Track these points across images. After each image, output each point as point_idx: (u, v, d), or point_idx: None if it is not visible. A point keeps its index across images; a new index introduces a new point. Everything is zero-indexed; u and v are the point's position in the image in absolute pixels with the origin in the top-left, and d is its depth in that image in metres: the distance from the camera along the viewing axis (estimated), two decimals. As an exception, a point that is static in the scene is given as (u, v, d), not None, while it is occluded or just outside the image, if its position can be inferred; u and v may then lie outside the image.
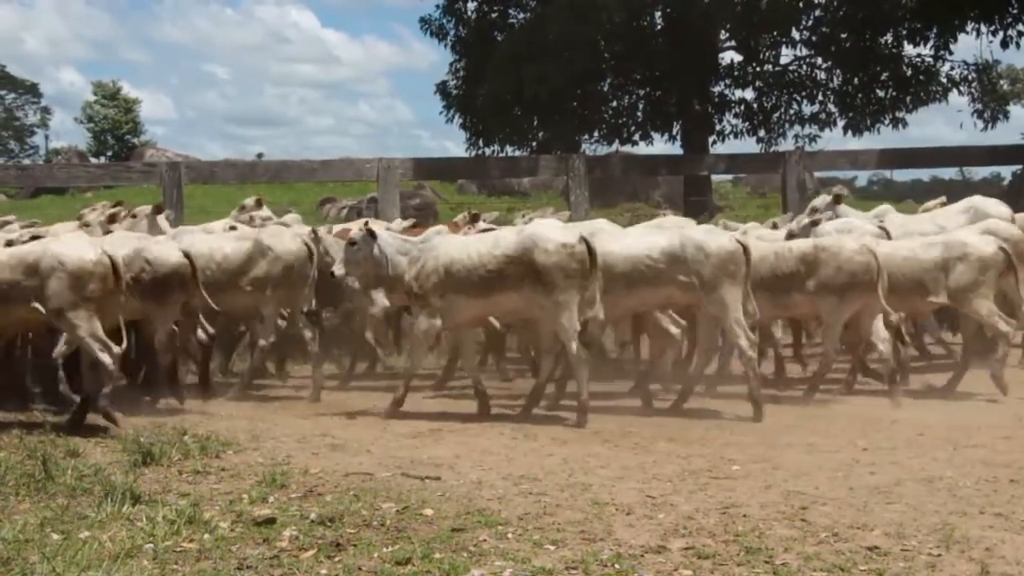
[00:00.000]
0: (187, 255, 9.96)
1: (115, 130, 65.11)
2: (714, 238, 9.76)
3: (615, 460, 7.89)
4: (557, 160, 18.05)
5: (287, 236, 10.85)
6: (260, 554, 5.57)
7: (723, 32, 22.36)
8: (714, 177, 23.83)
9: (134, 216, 11.80)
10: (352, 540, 5.80)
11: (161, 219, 11.87)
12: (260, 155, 48.05)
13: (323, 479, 7.33)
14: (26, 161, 63.11)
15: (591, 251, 9.22)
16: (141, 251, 9.83)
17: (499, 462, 7.88)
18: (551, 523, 6.16)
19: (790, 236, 11.48)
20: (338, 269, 9.81)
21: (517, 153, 22.97)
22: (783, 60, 23.03)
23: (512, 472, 7.50)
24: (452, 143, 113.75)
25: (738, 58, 23.01)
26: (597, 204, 16.33)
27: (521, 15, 23.42)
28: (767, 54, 22.89)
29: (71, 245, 9.12)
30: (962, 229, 11.57)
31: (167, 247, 10.17)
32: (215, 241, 10.91)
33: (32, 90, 71.32)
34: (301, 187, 29.04)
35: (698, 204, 20.08)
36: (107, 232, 10.93)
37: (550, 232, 9.48)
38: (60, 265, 8.71)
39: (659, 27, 22.61)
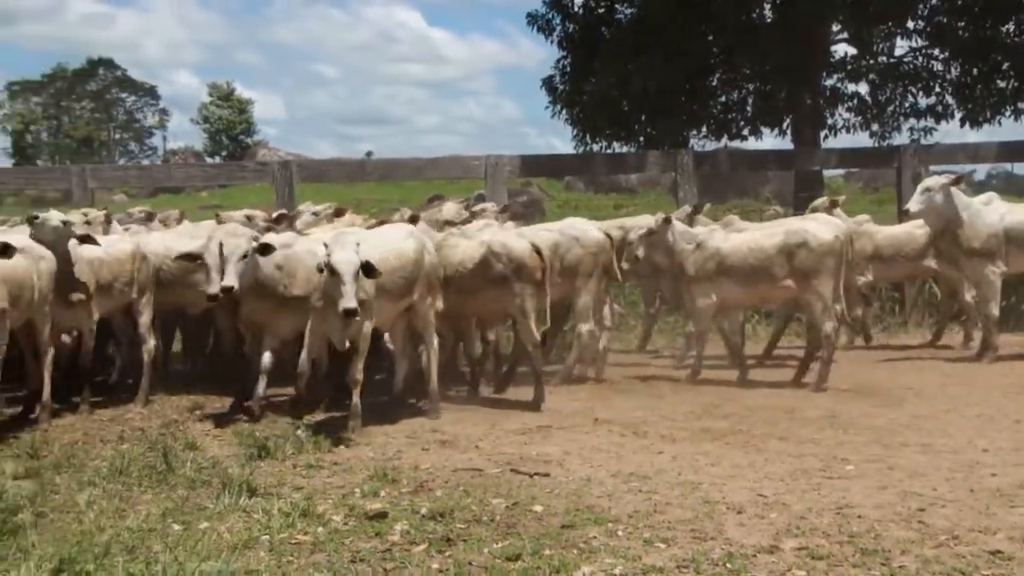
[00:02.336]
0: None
1: (229, 130, 66.67)
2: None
3: (725, 458, 7.81)
4: (665, 156, 17.92)
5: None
6: (372, 548, 5.64)
7: (835, 25, 21.94)
8: (825, 172, 23.43)
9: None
10: (462, 535, 5.84)
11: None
12: (369, 154, 48.73)
13: (433, 474, 7.39)
14: (145, 162, 64.96)
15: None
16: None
17: (608, 459, 7.85)
18: (661, 521, 6.12)
19: None
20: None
21: (624, 149, 22.84)
22: (898, 52, 22.47)
23: (621, 469, 7.47)
24: (558, 140, 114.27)
25: (851, 51, 22.54)
26: (706, 200, 16.11)
27: (628, 10, 23.24)
28: (881, 46, 22.37)
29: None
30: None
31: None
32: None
33: (151, 93, 73.59)
34: (409, 185, 29.32)
35: (808, 200, 19.76)
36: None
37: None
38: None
39: (769, 21, 22.29)
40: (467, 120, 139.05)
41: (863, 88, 22.50)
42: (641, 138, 22.48)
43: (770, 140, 50.31)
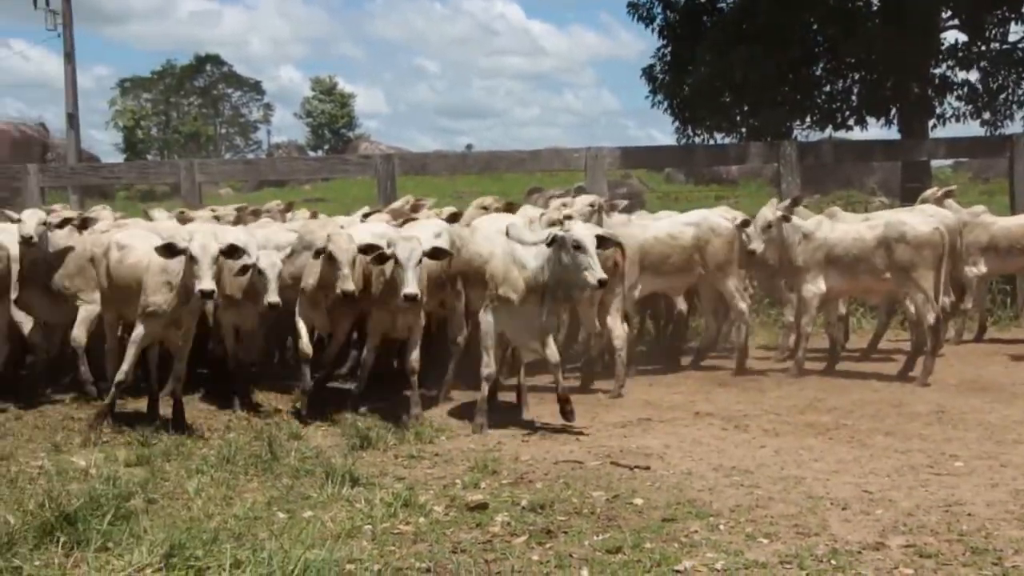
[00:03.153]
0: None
1: (331, 124, 67.45)
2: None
3: (829, 453, 7.70)
4: (767, 147, 17.67)
5: None
6: (473, 539, 5.67)
7: (945, 11, 21.45)
8: (933, 162, 22.92)
9: None
10: (563, 527, 5.84)
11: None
12: (469, 146, 48.98)
13: (533, 466, 7.41)
14: (250, 156, 66.04)
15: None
16: None
17: (709, 453, 7.80)
18: (764, 516, 6.06)
19: None
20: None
21: (726, 140, 22.61)
22: (1011, 37, 21.91)
23: (723, 463, 7.41)
24: (658, 131, 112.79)
25: (962, 37, 22.03)
26: (809, 191, 15.85)
27: (731, -1, 23.02)
28: (994, 32, 21.79)
29: None
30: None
31: None
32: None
33: (256, 88, 74.75)
34: (509, 177, 29.36)
35: (916, 191, 19.36)
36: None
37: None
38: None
39: (876, 8, 21.88)
40: (566, 112, 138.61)
41: (974, 75, 21.96)
42: (743, 129, 22.24)
43: (876, 130, 49.28)
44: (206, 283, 7.99)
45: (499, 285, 8.68)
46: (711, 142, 22.47)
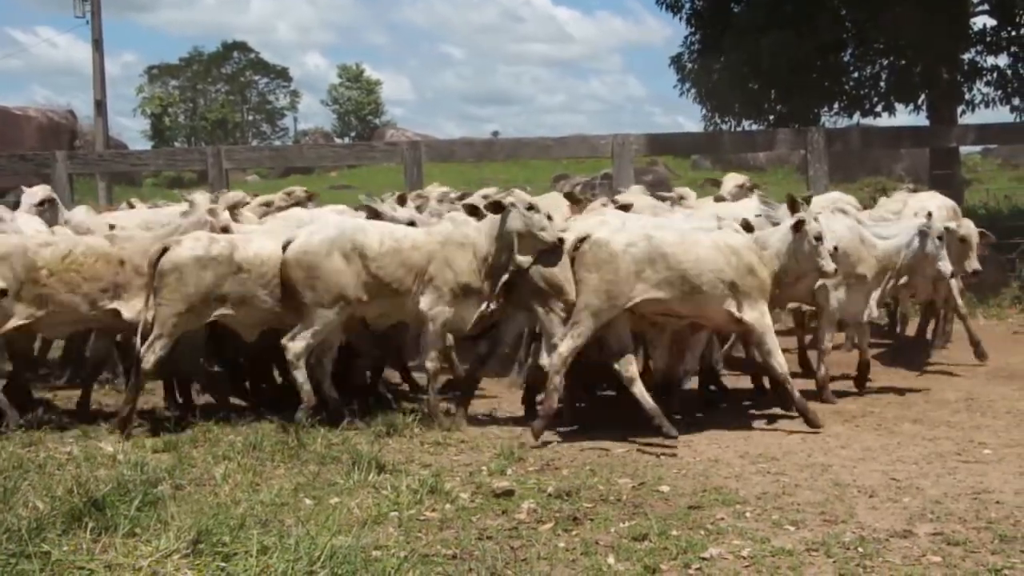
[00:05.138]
0: None
1: (358, 111, 67.59)
2: None
3: (856, 441, 7.67)
4: (795, 134, 17.58)
5: None
6: (500, 525, 5.68)
7: (976, -5, 21.28)
8: (962, 149, 22.75)
9: None
10: (589, 514, 5.84)
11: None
12: (495, 133, 48.98)
13: (560, 453, 7.42)
14: (277, 143, 66.25)
15: None
16: None
17: (735, 440, 7.78)
18: (790, 503, 6.05)
19: None
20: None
21: (753, 127, 22.50)
22: (1042, 22, 21.71)
23: (749, 451, 7.39)
24: (684, 118, 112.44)
25: (991, 22, 21.83)
26: (836, 178, 15.78)
27: (759, -15, 22.87)
28: (1024, 16, 21.62)
29: None
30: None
31: None
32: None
33: (283, 75, 74.86)
34: (535, 164, 29.35)
35: (945, 178, 19.21)
36: None
37: None
38: None
39: (904, -7, 21.76)
40: (592, 99, 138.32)
41: (1003, 61, 21.76)
42: (771, 116, 22.13)
43: (904, 116, 48.96)
44: None
45: None
46: (738, 129, 22.38)
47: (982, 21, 21.80)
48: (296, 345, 8.20)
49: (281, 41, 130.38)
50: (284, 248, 8.31)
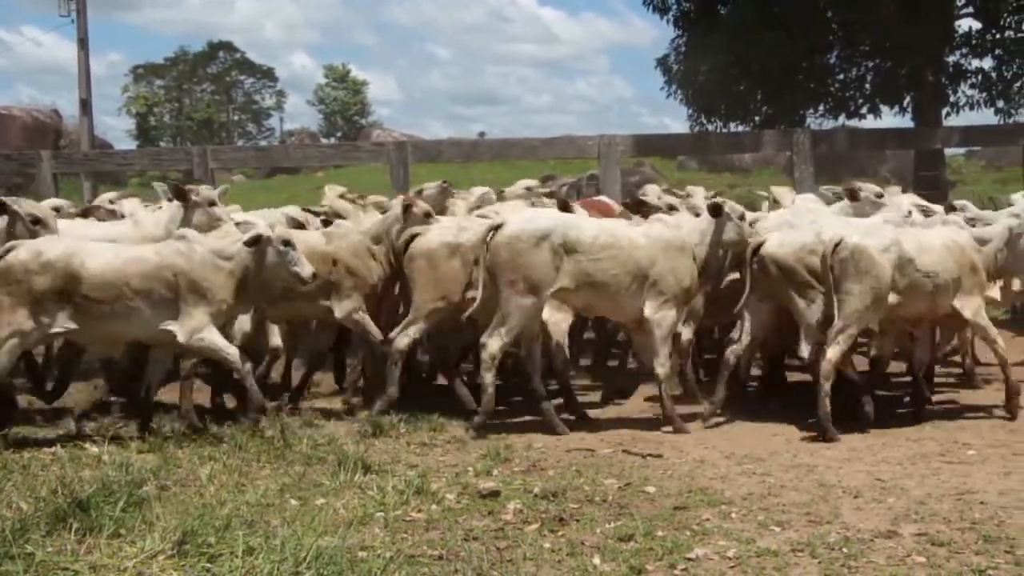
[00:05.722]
0: None
1: (344, 111, 67.54)
2: None
3: (842, 441, 7.69)
4: (781, 135, 17.62)
5: None
6: (485, 526, 5.68)
7: (960, -1, 21.40)
8: (946, 151, 22.87)
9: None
10: (575, 515, 5.84)
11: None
12: (482, 134, 48.94)
13: (546, 454, 7.42)
14: (263, 143, 66.11)
15: None
16: None
17: (721, 441, 7.80)
18: (776, 504, 6.06)
19: None
20: None
21: (740, 128, 22.57)
22: (1026, 25, 21.84)
23: (735, 451, 7.41)
24: (671, 119, 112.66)
25: (976, 25, 21.96)
26: (822, 180, 15.79)
27: (745, -13, 22.94)
28: (1008, 20, 21.73)
29: None
30: None
31: None
32: None
33: (268, 75, 74.76)
34: (522, 165, 29.33)
35: (930, 179, 19.30)
36: None
37: None
38: None
39: (890, -5, 21.85)
40: (579, 99, 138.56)
41: (988, 63, 21.90)
42: (757, 117, 22.21)
43: (889, 118, 49.14)
44: None
45: None
46: (725, 130, 22.44)
47: (967, 24, 21.98)
48: (493, 344, 8.09)
49: (267, 41, 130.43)
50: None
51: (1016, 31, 21.76)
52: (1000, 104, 21.85)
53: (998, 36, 21.73)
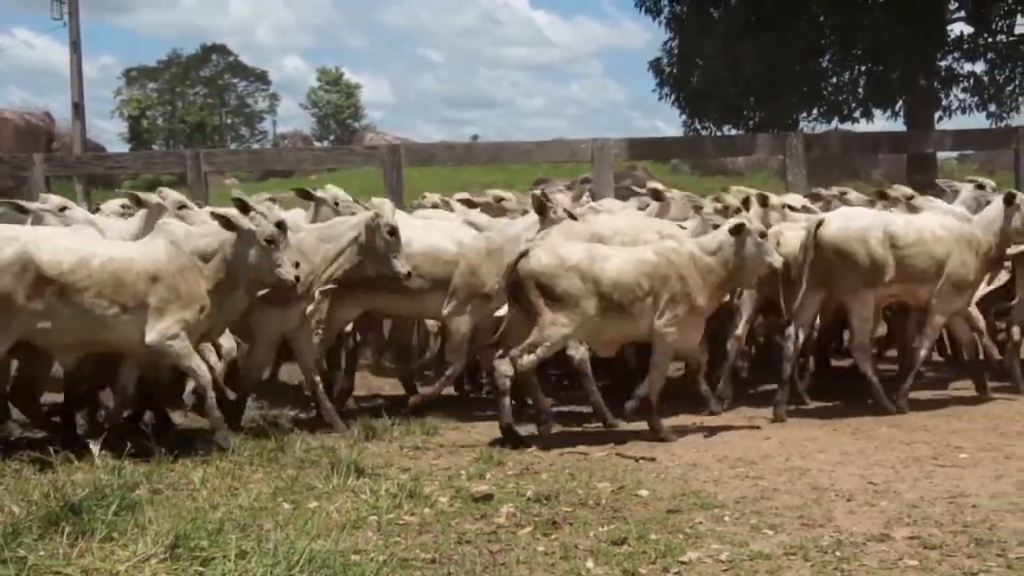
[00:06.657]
0: None
1: (337, 115, 67.51)
2: None
3: (834, 445, 7.70)
4: (774, 138, 17.66)
5: None
6: (478, 529, 5.68)
7: (952, 3, 21.43)
8: (939, 154, 22.93)
9: None
10: (568, 518, 5.84)
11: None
12: (475, 137, 49.02)
13: (539, 457, 7.42)
14: (256, 146, 66.04)
15: None
16: None
17: (714, 444, 7.81)
18: (769, 507, 6.06)
19: None
20: None
21: (733, 132, 22.59)
22: (1018, 30, 21.89)
23: (728, 455, 7.41)
24: (663, 123, 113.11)
25: (968, 29, 22.02)
26: (815, 183, 15.81)
27: (739, -10, 22.99)
28: (1000, 24, 21.80)
29: None
30: None
31: None
32: None
33: (261, 78, 74.66)
34: (515, 168, 29.35)
35: (922, 183, 19.31)
36: None
37: None
38: None
39: (882, -1, 21.91)
40: (571, 102, 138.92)
41: (980, 67, 21.97)
42: (750, 121, 22.24)
43: (882, 122, 49.23)
44: None
45: None
46: (718, 133, 22.47)
47: (959, 28, 22.03)
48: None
49: (260, 44, 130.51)
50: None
51: (1008, 35, 21.83)
52: (992, 108, 21.94)
53: (990, 40, 21.80)
